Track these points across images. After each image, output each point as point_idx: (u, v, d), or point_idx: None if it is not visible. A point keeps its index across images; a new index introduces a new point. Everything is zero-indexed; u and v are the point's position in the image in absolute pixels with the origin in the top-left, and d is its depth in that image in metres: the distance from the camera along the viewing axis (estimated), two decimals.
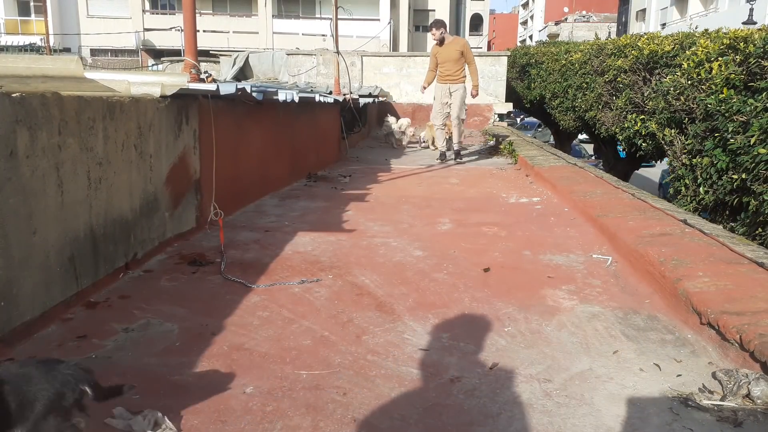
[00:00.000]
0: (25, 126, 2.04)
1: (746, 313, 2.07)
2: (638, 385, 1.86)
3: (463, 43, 7.48)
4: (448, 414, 1.69)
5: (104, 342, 2.10)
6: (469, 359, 2.03)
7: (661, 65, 6.09)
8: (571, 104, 10.15)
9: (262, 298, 2.57)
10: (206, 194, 3.72)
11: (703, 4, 31.03)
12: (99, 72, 3.07)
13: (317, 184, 5.80)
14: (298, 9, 31.44)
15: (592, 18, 53.57)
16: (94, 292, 2.52)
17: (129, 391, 1.52)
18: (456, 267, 3.08)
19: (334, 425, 1.62)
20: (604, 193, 4.49)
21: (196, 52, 3.74)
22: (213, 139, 3.71)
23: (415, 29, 34.38)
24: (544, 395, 1.80)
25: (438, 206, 4.65)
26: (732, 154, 3.72)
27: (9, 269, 1.98)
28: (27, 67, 2.45)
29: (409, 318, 2.39)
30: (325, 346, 2.11)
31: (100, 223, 2.56)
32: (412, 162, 7.79)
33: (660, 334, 2.23)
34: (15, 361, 1.76)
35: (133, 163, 2.86)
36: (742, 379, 1.78)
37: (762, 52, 3.74)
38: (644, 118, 6.07)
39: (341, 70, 8.62)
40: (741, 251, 2.74)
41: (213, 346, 2.09)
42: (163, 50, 29.12)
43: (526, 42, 58.89)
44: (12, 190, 1.99)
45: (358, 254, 3.29)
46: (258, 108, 4.58)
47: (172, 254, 3.18)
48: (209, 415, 1.66)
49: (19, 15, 32.45)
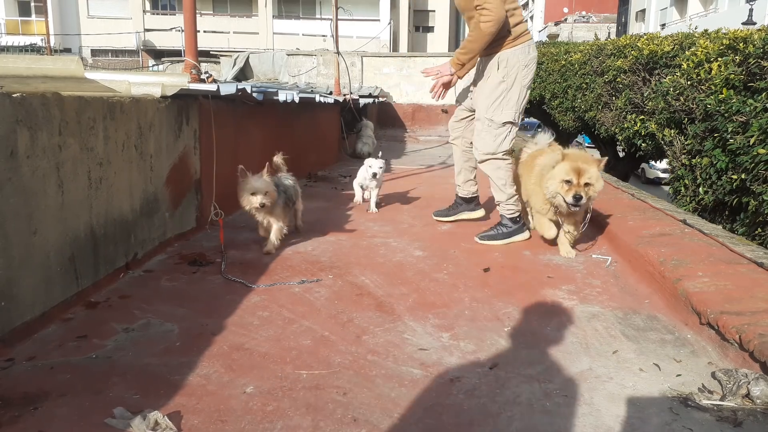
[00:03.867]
0: (26, 126, 2.04)
1: (746, 313, 2.07)
2: (638, 385, 1.86)
3: None
4: (448, 414, 1.69)
5: (104, 342, 2.10)
6: (469, 359, 2.03)
7: (661, 66, 6.09)
8: (570, 104, 10.16)
9: (262, 298, 2.58)
10: (206, 194, 3.72)
11: (702, 4, 31.05)
12: (99, 72, 3.08)
13: (317, 184, 5.80)
14: (298, 9, 31.47)
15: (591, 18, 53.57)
16: (95, 292, 2.52)
17: None
18: (456, 267, 3.08)
19: (334, 425, 1.63)
20: (604, 194, 4.48)
21: (196, 53, 3.74)
22: (213, 140, 3.71)
23: (415, 30, 34.40)
24: (544, 395, 1.80)
25: (438, 206, 4.65)
26: (731, 155, 3.72)
27: (9, 269, 1.98)
28: (27, 68, 2.46)
29: (409, 318, 2.39)
30: (325, 346, 2.12)
31: (100, 223, 2.56)
32: (412, 162, 7.79)
33: (660, 334, 2.24)
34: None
35: (134, 163, 2.86)
36: (741, 379, 1.78)
37: (761, 52, 3.74)
38: (644, 118, 6.07)
39: (341, 71, 8.63)
40: (741, 251, 2.74)
41: (213, 346, 2.09)
42: (163, 50, 29.17)
43: None
44: (12, 190, 1.99)
45: (358, 254, 3.29)
46: (258, 108, 4.59)
47: (172, 254, 3.18)
48: (209, 415, 1.66)
49: (20, 15, 32.49)
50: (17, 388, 1.76)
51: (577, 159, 3.04)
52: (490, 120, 3.51)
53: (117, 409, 1.63)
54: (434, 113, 12.69)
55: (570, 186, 3.00)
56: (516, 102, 3.50)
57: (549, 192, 3.10)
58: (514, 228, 3.59)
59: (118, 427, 1.57)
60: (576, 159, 3.03)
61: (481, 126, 3.58)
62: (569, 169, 3.00)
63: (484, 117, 3.55)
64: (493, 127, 3.51)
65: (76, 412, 1.65)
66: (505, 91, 3.49)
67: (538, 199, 3.30)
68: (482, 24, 3.34)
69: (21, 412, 1.64)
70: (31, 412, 1.64)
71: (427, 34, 34.84)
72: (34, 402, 1.69)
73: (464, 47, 3.50)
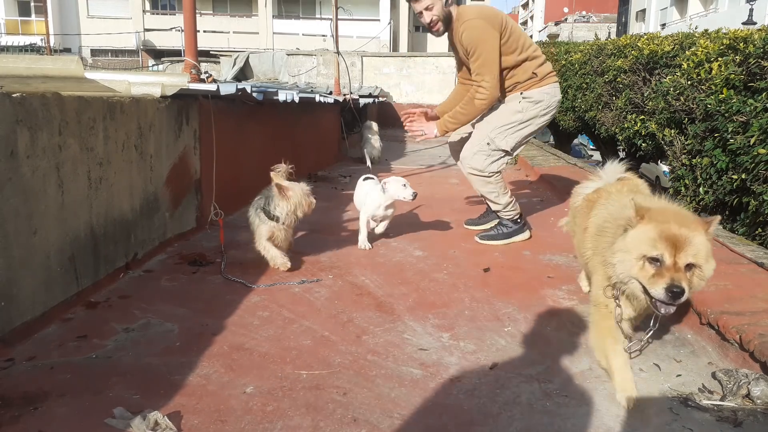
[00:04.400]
0: (26, 126, 2.04)
1: (746, 313, 2.07)
2: (638, 385, 1.86)
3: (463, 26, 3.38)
4: (448, 414, 1.69)
5: (105, 342, 2.10)
6: (469, 359, 2.03)
7: (661, 65, 6.08)
8: (570, 104, 10.16)
9: (262, 298, 2.58)
10: (206, 194, 3.72)
11: (702, 4, 31.04)
12: (99, 72, 3.08)
13: (317, 184, 5.80)
14: (298, 9, 31.45)
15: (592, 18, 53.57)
16: (95, 292, 2.52)
17: None
18: (456, 267, 3.08)
19: (334, 425, 1.63)
20: None
21: (196, 53, 3.74)
22: (213, 140, 3.71)
23: (415, 29, 34.38)
24: (544, 395, 1.80)
25: (438, 206, 4.65)
26: (732, 155, 3.72)
27: (9, 269, 1.98)
28: (27, 68, 2.45)
29: (409, 318, 2.39)
30: (325, 346, 2.12)
31: (100, 223, 2.56)
32: (413, 162, 7.78)
33: (659, 334, 2.23)
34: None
35: (134, 164, 2.86)
36: (741, 379, 1.78)
37: (762, 52, 3.74)
38: (644, 118, 6.07)
39: (341, 71, 8.63)
40: (741, 251, 2.74)
41: (213, 346, 2.09)
42: (163, 50, 29.15)
43: None
44: (12, 190, 1.99)
45: (358, 254, 3.29)
46: (258, 108, 4.59)
47: (172, 254, 3.18)
48: (209, 415, 1.66)
49: (20, 15, 32.48)
50: (17, 388, 1.76)
51: (668, 217, 1.72)
52: (491, 140, 3.39)
53: (117, 409, 1.63)
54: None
55: (658, 269, 1.68)
56: (522, 137, 3.43)
57: (618, 273, 1.78)
58: (515, 228, 3.58)
59: (118, 427, 1.57)
60: (667, 218, 1.72)
61: (477, 142, 3.44)
62: (658, 237, 1.68)
63: (485, 134, 3.41)
64: (489, 149, 3.41)
65: (76, 412, 1.65)
66: (517, 123, 3.39)
67: (598, 277, 1.98)
68: (476, 101, 3.29)
69: (21, 412, 1.64)
70: (31, 412, 1.64)
71: (427, 34, 34.74)
72: (34, 402, 1.69)
73: (455, 117, 3.40)
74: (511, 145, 3.43)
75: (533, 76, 3.37)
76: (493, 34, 3.22)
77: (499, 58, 3.26)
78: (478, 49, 3.23)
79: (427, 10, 3.30)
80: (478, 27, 3.22)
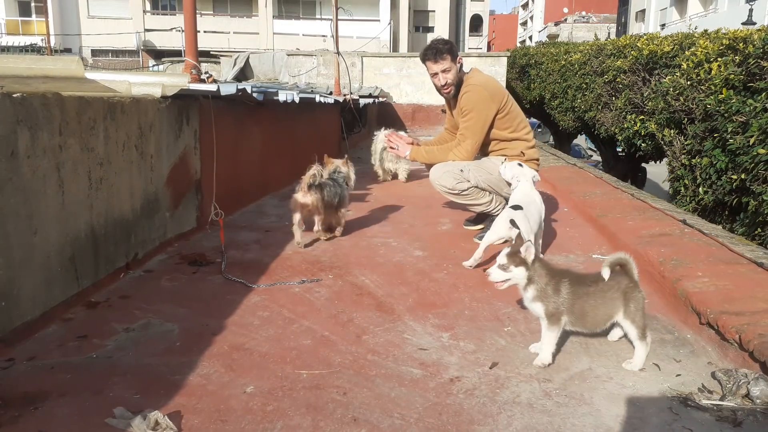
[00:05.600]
0: (26, 126, 2.04)
1: (745, 313, 2.08)
2: (638, 384, 1.86)
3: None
4: (448, 414, 1.69)
5: (105, 342, 2.10)
6: (469, 359, 2.03)
7: (661, 66, 6.09)
8: (570, 105, 10.16)
9: (262, 298, 2.58)
10: (207, 194, 3.72)
11: (702, 4, 31.06)
12: (100, 72, 3.07)
13: None
14: (298, 10, 31.48)
15: (591, 19, 53.60)
16: (95, 292, 2.53)
17: None
18: (456, 267, 3.09)
19: (334, 425, 1.63)
20: (604, 194, 4.50)
21: (196, 53, 3.74)
22: (213, 140, 3.71)
23: (415, 30, 34.42)
24: (544, 395, 1.80)
25: (438, 206, 4.66)
26: (731, 155, 3.72)
27: (10, 269, 1.98)
28: (28, 68, 2.46)
29: (409, 318, 2.39)
30: (325, 345, 2.12)
31: (100, 223, 2.56)
32: (413, 162, 7.78)
33: (659, 334, 2.24)
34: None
35: (134, 164, 2.86)
36: (741, 378, 1.78)
37: (761, 52, 3.75)
38: (644, 118, 6.08)
39: (341, 71, 8.63)
40: (740, 251, 2.74)
41: (213, 346, 2.09)
42: (163, 51, 29.18)
43: (525, 43, 58.93)
44: (13, 190, 1.99)
45: (358, 254, 3.29)
46: (258, 108, 4.59)
47: (172, 254, 3.18)
48: (209, 415, 1.66)
49: (20, 15, 32.50)
50: (17, 388, 1.76)
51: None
52: (464, 169, 3.46)
53: (117, 408, 1.63)
54: (434, 113, 12.70)
55: None
56: (488, 185, 3.50)
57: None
58: None
59: (118, 427, 1.57)
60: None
61: (451, 164, 3.49)
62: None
63: (463, 164, 3.48)
64: (461, 175, 3.46)
65: (77, 412, 1.65)
66: (492, 174, 3.45)
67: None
68: (452, 154, 3.52)
69: (21, 412, 1.64)
70: (32, 412, 1.65)
71: (427, 34, 34.82)
72: (34, 402, 1.69)
73: (429, 153, 3.65)
74: (478, 183, 3.51)
75: (521, 155, 3.51)
76: (490, 106, 3.43)
77: (488, 130, 3.49)
78: (471, 113, 3.44)
79: (444, 72, 3.47)
80: (480, 95, 3.43)
